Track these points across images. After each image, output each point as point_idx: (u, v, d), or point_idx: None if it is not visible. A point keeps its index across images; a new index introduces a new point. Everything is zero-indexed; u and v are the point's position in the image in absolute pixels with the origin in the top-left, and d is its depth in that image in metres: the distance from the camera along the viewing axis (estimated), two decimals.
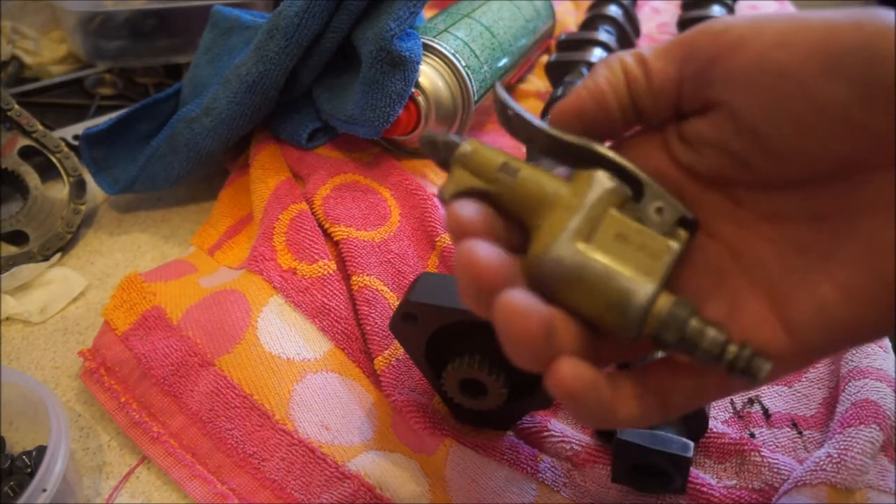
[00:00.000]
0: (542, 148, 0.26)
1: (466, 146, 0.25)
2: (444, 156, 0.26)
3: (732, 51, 0.23)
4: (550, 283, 0.23)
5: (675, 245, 0.24)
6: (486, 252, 0.22)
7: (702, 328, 0.23)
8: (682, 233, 0.24)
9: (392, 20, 0.47)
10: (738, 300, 0.25)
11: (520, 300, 0.21)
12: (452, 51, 0.53)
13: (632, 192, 0.25)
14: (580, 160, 0.25)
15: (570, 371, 0.22)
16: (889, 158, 0.22)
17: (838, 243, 0.23)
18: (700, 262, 0.25)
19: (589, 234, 0.23)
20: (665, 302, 0.23)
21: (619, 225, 0.24)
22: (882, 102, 0.21)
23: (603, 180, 0.24)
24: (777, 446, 0.38)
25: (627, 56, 0.26)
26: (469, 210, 0.23)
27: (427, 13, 0.72)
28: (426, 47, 0.52)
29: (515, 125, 0.26)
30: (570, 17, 0.78)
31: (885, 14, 0.21)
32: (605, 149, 0.25)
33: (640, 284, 0.23)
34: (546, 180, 0.25)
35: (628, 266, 0.23)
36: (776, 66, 0.22)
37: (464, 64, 0.53)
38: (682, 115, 0.25)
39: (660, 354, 0.29)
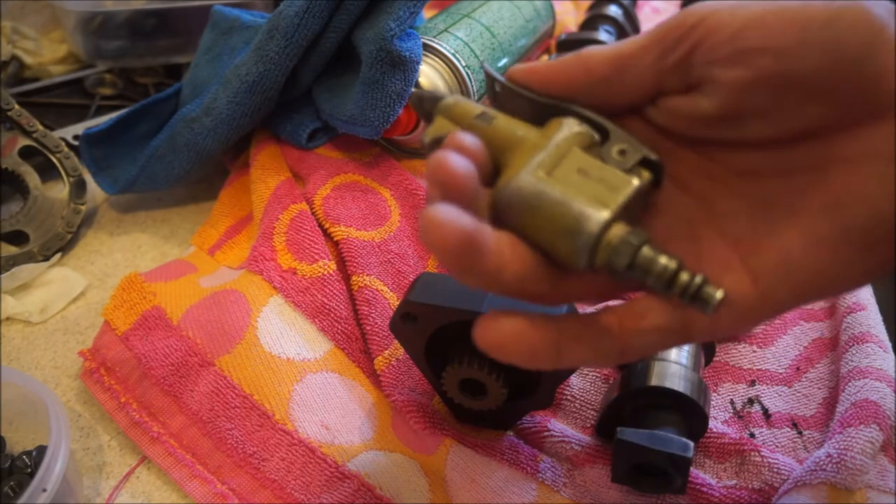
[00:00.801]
0: (527, 116, 0.27)
1: (449, 99, 0.27)
2: (428, 109, 0.28)
3: (708, 37, 0.23)
4: (510, 212, 0.24)
5: (634, 180, 0.24)
6: (459, 160, 0.22)
7: (653, 256, 0.23)
8: (645, 172, 0.25)
9: (392, 20, 0.47)
10: (705, 248, 0.25)
11: (442, 211, 0.21)
12: (452, 51, 0.53)
13: (601, 139, 0.26)
14: None
15: (489, 326, 0.23)
16: (859, 118, 0.22)
17: (806, 196, 0.24)
18: (671, 213, 0.26)
19: (551, 169, 0.24)
20: (619, 230, 0.23)
21: (581, 161, 0.24)
22: (851, 68, 0.22)
23: (571, 124, 0.25)
24: (777, 446, 0.38)
25: (600, 57, 0.26)
26: (466, 136, 0.24)
27: (427, 13, 0.72)
28: (426, 47, 0.52)
29: (502, 98, 0.27)
30: (570, 17, 0.78)
31: None
32: (580, 107, 0.26)
33: (595, 211, 0.23)
34: (518, 126, 0.26)
35: (585, 195, 0.24)
36: (752, 44, 0.22)
37: (464, 64, 0.53)
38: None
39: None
